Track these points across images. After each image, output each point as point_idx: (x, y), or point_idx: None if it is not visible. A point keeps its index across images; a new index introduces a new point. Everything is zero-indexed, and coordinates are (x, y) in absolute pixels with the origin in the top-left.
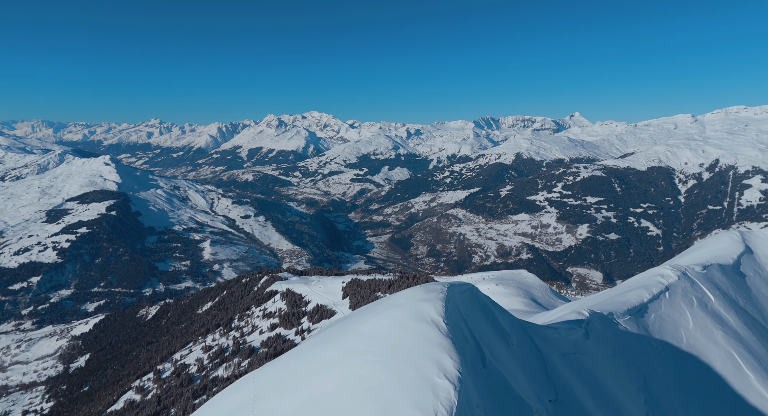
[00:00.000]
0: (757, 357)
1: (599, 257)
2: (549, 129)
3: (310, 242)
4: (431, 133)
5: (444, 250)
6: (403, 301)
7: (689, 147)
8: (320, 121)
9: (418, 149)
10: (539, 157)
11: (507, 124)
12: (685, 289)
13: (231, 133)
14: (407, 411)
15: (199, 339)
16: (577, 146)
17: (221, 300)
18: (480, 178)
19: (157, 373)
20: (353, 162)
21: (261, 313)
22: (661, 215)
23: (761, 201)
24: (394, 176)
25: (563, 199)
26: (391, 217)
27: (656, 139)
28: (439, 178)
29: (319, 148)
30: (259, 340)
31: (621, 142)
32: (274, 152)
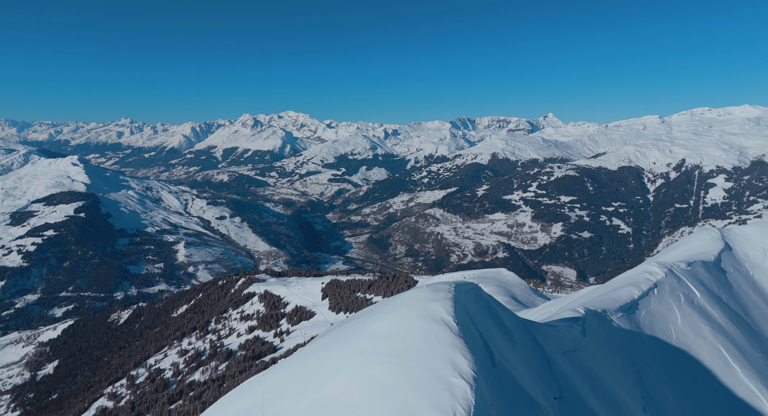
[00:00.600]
0: (742, 351)
1: (573, 255)
2: (524, 129)
3: (287, 243)
4: (408, 133)
5: (422, 250)
6: (412, 302)
7: (657, 147)
8: (297, 121)
9: (396, 149)
10: (514, 157)
11: (483, 124)
12: (672, 286)
13: (205, 132)
14: (425, 411)
15: (174, 343)
16: (551, 146)
17: (197, 302)
18: (457, 177)
19: (131, 379)
20: (331, 162)
21: (238, 316)
22: (631, 213)
23: (725, 199)
24: (372, 176)
25: (538, 198)
26: (369, 217)
27: (626, 140)
28: (417, 178)
29: (296, 148)
30: (236, 343)
31: (593, 143)
32: (250, 152)
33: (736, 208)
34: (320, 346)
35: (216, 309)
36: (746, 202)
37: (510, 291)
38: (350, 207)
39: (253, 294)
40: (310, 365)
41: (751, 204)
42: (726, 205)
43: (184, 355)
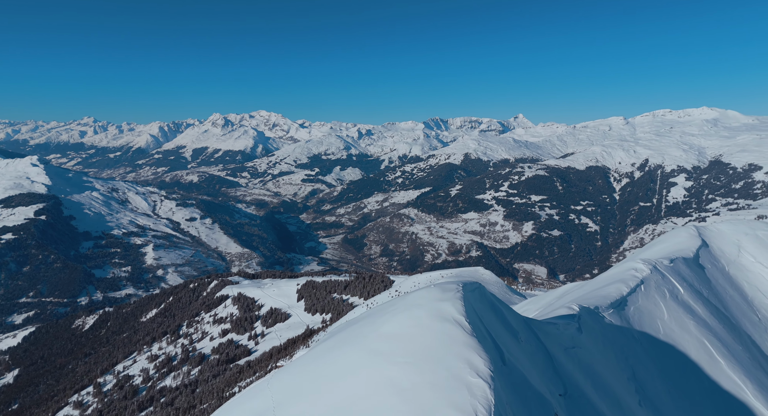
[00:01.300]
0: (725, 344)
1: (543, 253)
2: (495, 130)
3: (260, 244)
4: (382, 133)
5: (397, 250)
6: (422, 302)
7: (622, 147)
8: (269, 121)
9: (370, 149)
10: (486, 157)
11: (455, 125)
12: (658, 282)
13: (174, 132)
14: (446, 411)
15: (144, 349)
16: (521, 147)
17: (167, 306)
18: (431, 177)
19: (98, 386)
20: (304, 162)
21: (211, 319)
22: (598, 212)
23: (685, 197)
24: (346, 176)
25: (510, 197)
26: (343, 218)
27: (593, 140)
28: (391, 178)
29: (268, 148)
30: (209, 347)
31: (561, 143)
32: (221, 152)
33: (696, 206)
34: (330, 348)
35: (188, 312)
36: (705, 200)
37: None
38: (324, 207)
39: (227, 297)
40: (321, 367)
41: (709, 202)
42: (686, 203)
43: (155, 361)
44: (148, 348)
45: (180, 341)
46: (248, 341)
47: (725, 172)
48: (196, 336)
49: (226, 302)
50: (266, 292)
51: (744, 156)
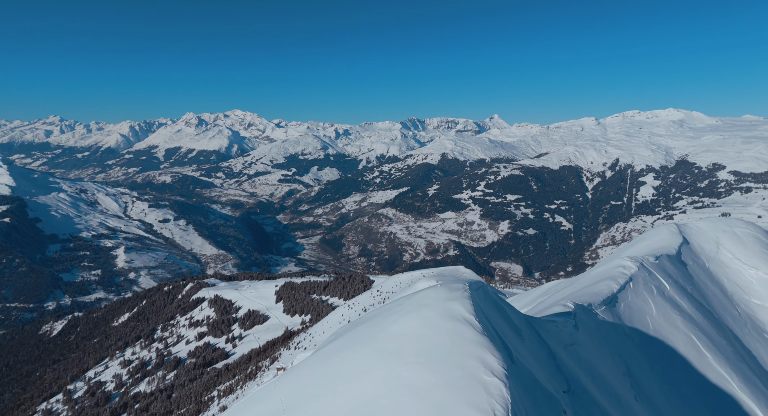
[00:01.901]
0: (710, 338)
1: (519, 251)
2: (471, 130)
3: (236, 246)
4: (360, 133)
5: (375, 249)
6: (430, 301)
7: (594, 148)
8: (244, 120)
9: (347, 149)
10: (463, 157)
11: (432, 125)
12: (645, 279)
13: (145, 131)
14: (465, 411)
15: (116, 354)
16: (497, 147)
17: (140, 310)
18: (408, 177)
19: (68, 394)
20: (280, 162)
21: (187, 322)
22: (572, 210)
23: (654, 196)
24: (324, 176)
25: (486, 197)
26: (321, 218)
27: (566, 140)
28: (369, 178)
29: (244, 147)
30: (185, 350)
31: (536, 143)
32: (195, 152)
33: (664, 204)
34: (338, 349)
35: (162, 316)
36: (672, 198)
37: None
38: (302, 208)
39: (203, 300)
40: (331, 368)
41: (676, 200)
42: (655, 201)
43: (128, 366)
44: (120, 353)
45: (154, 345)
46: (226, 344)
47: (691, 172)
48: (171, 340)
49: (203, 305)
50: (244, 294)
51: (708, 156)
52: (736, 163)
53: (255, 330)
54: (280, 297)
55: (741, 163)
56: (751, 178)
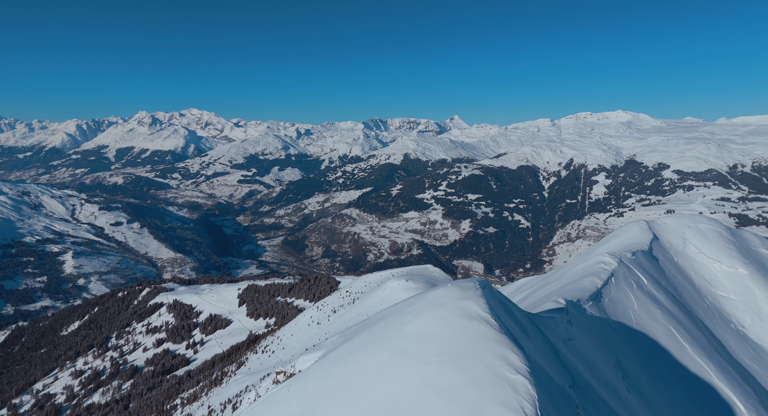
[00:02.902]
0: (687, 330)
1: (480, 249)
2: (432, 131)
3: (194, 248)
4: (322, 133)
5: (339, 250)
6: (444, 300)
7: (550, 148)
8: (201, 119)
9: (309, 149)
10: (425, 157)
11: (394, 125)
12: (625, 274)
13: (94, 131)
14: (495, 409)
15: (66, 364)
16: (457, 147)
17: (92, 317)
18: (372, 177)
19: (13, 408)
20: (240, 162)
21: (144, 329)
22: (530, 209)
23: (605, 194)
24: (285, 177)
25: (448, 196)
26: (283, 219)
27: (523, 141)
28: (332, 178)
29: (201, 147)
30: (143, 358)
31: (495, 144)
32: (149, 152)
33: (615, 202)
34: (352, 351)
35: (117, 323)
36: (622, 196)
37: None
38: (263, 209)
39: (161, 305)
40: (348, 370)
41: (626, 198)
42: (606, 199)
43: (80, 376)
44: (71, 363)
45: (109, 354)
46: (186, 350)
47: (639, 171)
48: (127, 347)
49: (161, 310)
50: (205, 298)
51: (654, 156)
52: (679, 162)
53: (217, 335)
54: (243, 301)
55: (683, 163)
56: (692, 177)
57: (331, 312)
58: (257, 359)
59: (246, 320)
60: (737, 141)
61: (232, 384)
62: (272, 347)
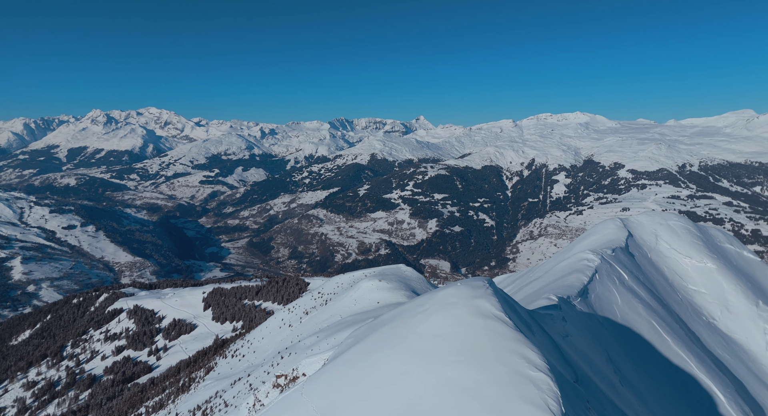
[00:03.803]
0: (667, 323)
1: (447, 248)
2: (398, 131)
3: (154, 252)
4: (287, 133)
5: (306, 251)
6: (456, 300)
7: (513, 148)
8: (160, 118)
9: (274, 149)
10: (392, 157)
11: (361, 125)
12: (608, 271)
13: (43, 130)
14: (520, 406)
15: (17, 375)
16: (423, 147)
17: (45, 326)
18: (339, 178)
19: None
20: (202, 162)
21: (102, 336)
22: (494, 208)
23: (565, 193)
24: (250, 177)
25: (415, 196)
26: (248, 220)
27: (487, 141)
28: (298, 178)
29: (160, 147)
30: (101, 367)
31: (459, 144)
32: (104, 152)
33: (575, 200)
34: (365, 352)
35: (72, 331)
36: (581, 195)
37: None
38: (226, 210)
39: (120, 311)
40: (363, 372)
41: (585, 197)
42: (567, 198)
43: (33, 388)
44: (23, 374)
45: (64, 363)
46: (149, 357)
47: (596, 170)
48: (84, 356)
49: (120, 316)
50: (167, 303)
51: (610, 156)
52: (633, 162)
53: (182, 340)
54: (208, 304)
55: (637, 162)
56: (645, 176)
57: (303, 314)
58: (227, 364)
59: (212, 324)
60: (685, 141)
61: (201, 390)
62: (242, 351)
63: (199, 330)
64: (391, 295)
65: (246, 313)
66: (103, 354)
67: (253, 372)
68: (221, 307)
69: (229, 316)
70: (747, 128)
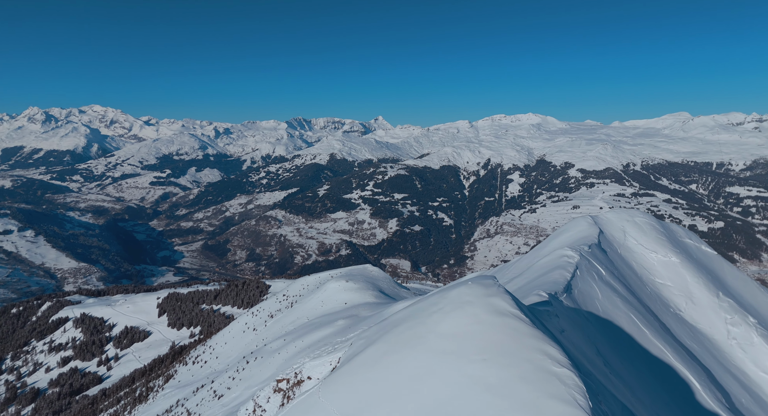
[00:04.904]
0: (643, 315)
1: (407, 247)
2: (357, 131)
3: (101, 257)
4: (242, 132)
5: (265, 253)
6: (470, 298)
7: (469, 148)
8: (105, 117)
9: (229, 149)
10: (351, 157)
11: (319, 125)
12: (587, 266)
13: None
14: (549, 402)
15: None
16: (383, 147)
17: None
18: (297, 178)
19: None
20: (152, 163)
21: (46, 347)
22: (452, 207)
23: (519, 192)
24: (204, 178)
25: (375, 196)
26: (203, 223)
27: (445, 142)
28: (255, 178)
29: (107, 147)
30: (46, 379)
31: (418, 144)
32: (43, 152)
33: (528, 199)
34: (383, 353)
35: (12, 342)
36: (535, 193)
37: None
38: (179, 212)
39: (66, 320)
40: (384, 373)
41: (538, 195)
42: (521, 197)
43: None
44: None
45: (3, 377)
46: (98, 367)
47: (548, 170)
48: (26, 369)
49: (66, 325)
50: (118, 310)
51: (561, 156)
52: (582, 161)
53: (135, 349)
54: (163, 310)
55: (585, 162)
56: (593, 175)
57: (268, 317)
58: (188, 371)
59: (167, 331)
60: (629, 142)
61: (160, 400)
62: (204, 357)
63: (154, 337)
64: (359, 296)
65: (204, 318)
66: (47, 366)
67: (216, 378)
68: (177, 313)
69: (186, 322)
70: (683, 129)
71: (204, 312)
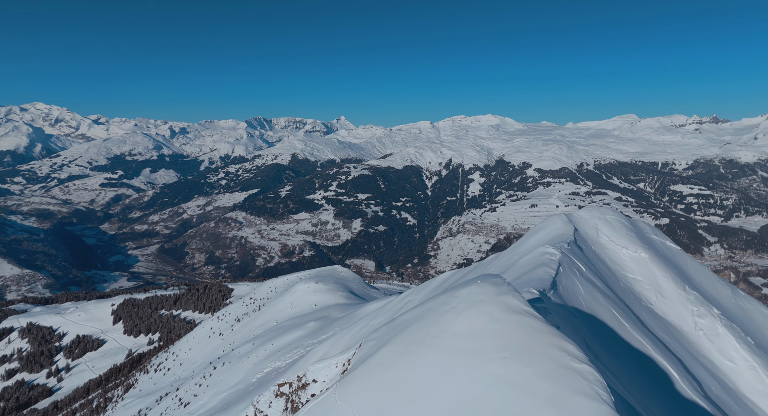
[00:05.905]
0: (622, 309)
1: (371, 248)
2: (320, 131)
3: (47, 263)
4: (200, 132)
5: (225, 256)
6: (483, 297)
7: (431, 149)
8: (50, 115)
9: (186, 149)
10: (314, 157)
11: (280, 124)
12: (568, 263)
13: None
14: (574, 398)
15: None
16: (345, 148)
17: None
18: (258, 178)
19: None
20: (102, 164)
21: None
22: (416, 207)
23: (480, 192)
24: (159, 179)
25: (339, 196)
26: (158, 225)
27: (407, 142)
28: (214, 179)
29: (51, 147)
30: None
31: (381, 144)
32: None
33: (489, 198)
34: (397, 354)
35: None
36: (495, 193)
37: (348, 287)
38: (133, 215)
39: (11, 330)
40: (401, 374)
41: (497, 194)
42: (482, 196)
43: None
44: None
45: None
46: (48, 378)
47: (507, 170)
48: None
49: (11, 336)
50: (69, 318)
51: (519, 156)
52: (539, 161)
53: (88, 358)
54: (119, 317)
55: (542, 162)
56: (550, 175)
57: (235, 321)
58: (149, 379)
59: (123, 338)
60: (582, 143)
61: (120, 410)
62: (167, 364)
63: (109, 346)
64: (330, 297)
65: (164, 324)
66: None
67: (182, 385)
68: (134, 319)
69: (144, 328)
70: (631, 131)
71: (163, 318)
